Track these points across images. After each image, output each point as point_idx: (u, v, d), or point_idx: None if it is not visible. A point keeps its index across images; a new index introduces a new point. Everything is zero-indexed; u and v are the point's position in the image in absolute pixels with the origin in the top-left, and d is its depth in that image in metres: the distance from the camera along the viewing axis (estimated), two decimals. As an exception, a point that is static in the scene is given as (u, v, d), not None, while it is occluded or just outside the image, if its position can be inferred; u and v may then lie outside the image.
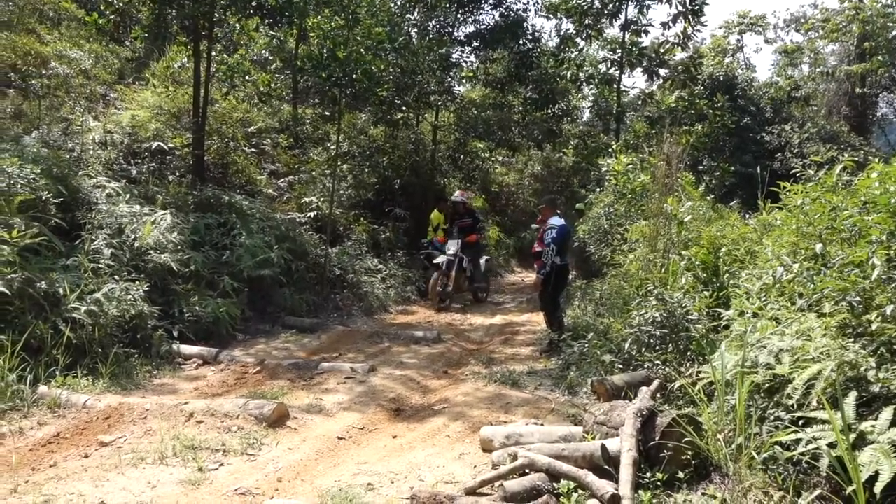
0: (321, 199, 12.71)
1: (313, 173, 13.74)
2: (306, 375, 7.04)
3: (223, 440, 4.84)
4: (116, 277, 7.42)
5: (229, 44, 12.70)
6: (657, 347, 6.01)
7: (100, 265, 7.42)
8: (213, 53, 11.87)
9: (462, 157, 17.12)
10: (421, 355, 8.26)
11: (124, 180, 9.79)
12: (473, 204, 15.20)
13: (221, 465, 4.50)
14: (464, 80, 17.77)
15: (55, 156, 8.81)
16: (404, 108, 15.26)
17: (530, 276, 18.35)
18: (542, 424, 5.29)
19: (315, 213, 12.52)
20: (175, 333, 7.76)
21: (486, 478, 4.15)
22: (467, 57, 16.80)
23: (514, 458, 4.26)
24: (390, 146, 15.93)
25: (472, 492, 4.08)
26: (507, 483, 3.97)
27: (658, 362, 5.83)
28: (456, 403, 6.18)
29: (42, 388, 5.82)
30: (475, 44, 16.41)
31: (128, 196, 9.01)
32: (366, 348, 8.65)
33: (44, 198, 7.55)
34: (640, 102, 21.34)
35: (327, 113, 14.26)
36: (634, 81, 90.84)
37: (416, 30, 15.96)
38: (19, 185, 7.22)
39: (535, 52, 16.67)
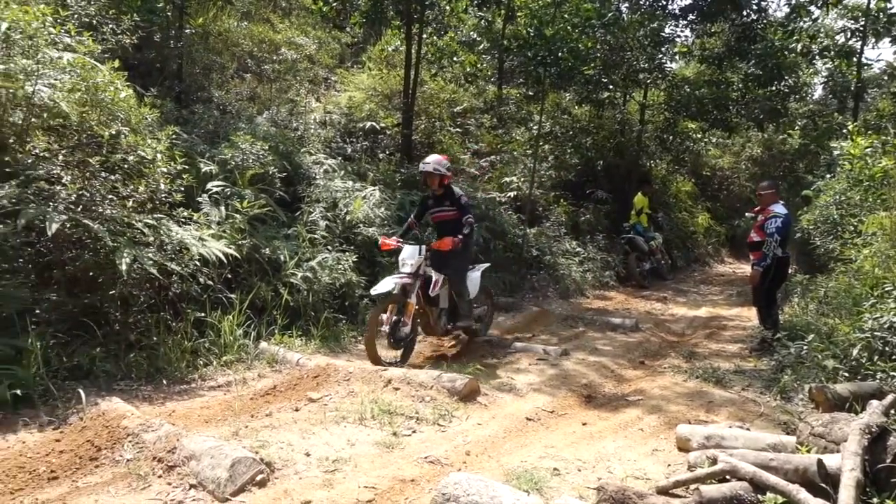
0: (522, 179, 12.70)
1: (515, 153, 13.76)
2: (499, 353, 7.08)
3: (417, 408, 5.00)
4: (329, 248, 7.99)
5: (439, 26, 13.06)
6: (894, 356, 5.24)
7: (315, 236, 8.03)
8: (424, 36, 12.26)
9: (671, 138, 16.23)
10: (617, 343, 7.97)
11: (340, 158, 10.50)
12: (453, 176, 7.52)
13: (414, 431, 4.64)
14: (677, 57, 16.78)
15: (282, 134, 9.65)
16: (611, 86, 14.73)
17: (742, 268, 17.07)
18: (748, 429, 4.84)
19: (515, 193, 12.55)
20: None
21: (681, 478, 3.87)
22: (681, 31, 15.84)
23: (714, 461, 3.92)
24: (594, 126, 15.51)
25: (664, 491, 3.82)
26: (703, 488, 3.66)
27: (894, 374, 5.08)
28: (652, 396, 5.87)
29: (263, 345, 6.44)
30: (691, 17, 15.39)
31: (342, 172, 9.65)
32: (560, 331, 8.53)
33: (270, 172, 8.30)
34: (885, 77, 18.77)
35: (531, 93, 14.17)
36: (880, 53, 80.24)
37: (626, 4, 15.34)
38: (251, 160, 7.99)
39: (759, 23, 15.27)
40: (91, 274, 5.51)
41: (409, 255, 6.57)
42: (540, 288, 10.99)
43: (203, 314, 6.25)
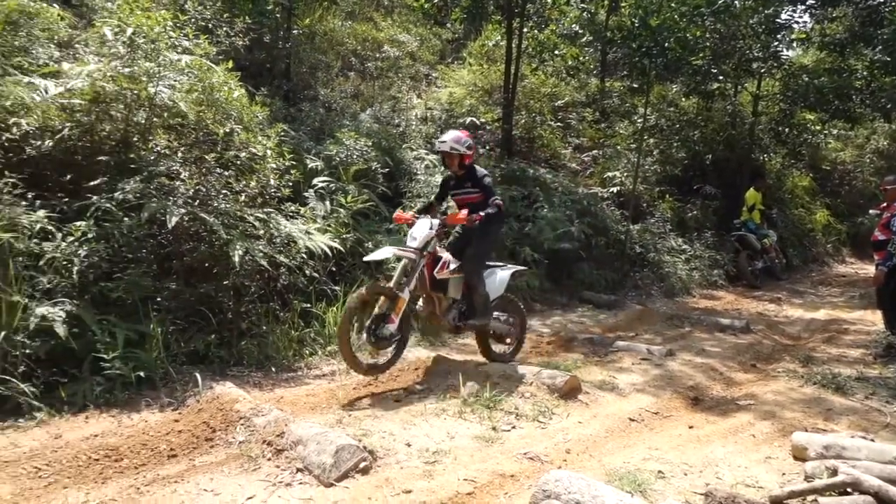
0: (625, 174, 12.39)
1: (618, 148, 13.43)
2: (600, 352, 6.93)
3: (516, 404, 4.96)
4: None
5: (540, 20, 12.90)
6: None
7: (416, 230, 8.10)
8: (525, 30, 12.16)
9: (787, 130, 15.34)
10: (726, 344, 7.63)
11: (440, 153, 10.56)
12: (476, 156, 7.18)
13: (513, 427, 4.61)
14: (794, 44, 15.85)
15: (384, 130, 9.83)
16: (721, 77, 14.10)
17: (865, 268, 15.93)
18: (872, 440, 4.50)
19: (618, 188, 12.25)
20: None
21: (796, 489, 3.65)
22: (799, 17, 14.95)
23: (834, 472, 3.68)
24: (703, 119, 14.90)
25: (777, 501, 3.61)
26: (822, 500, 3.44)
27: None
28: (764, 401, 5.57)
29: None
30: (810, 1, 14.48)
31: (442, 168, 9.69)
32: (664, 331, 8.25)
33: (373, 168, 8.47)
34: None
35: (635, 85, 13.77)
36: None
37: (739, -10, 14.61)
38: (355, 156, 8.19)
39: (887, 6, 14.17)
40: (207, 265, 5.80)
41: (419, 230, 5.57)
42: (643, 286, 10.68)
43: (309, 305, 6.46)
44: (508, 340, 6.41)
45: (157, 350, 5.05)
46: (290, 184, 6.84)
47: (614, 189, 12.26)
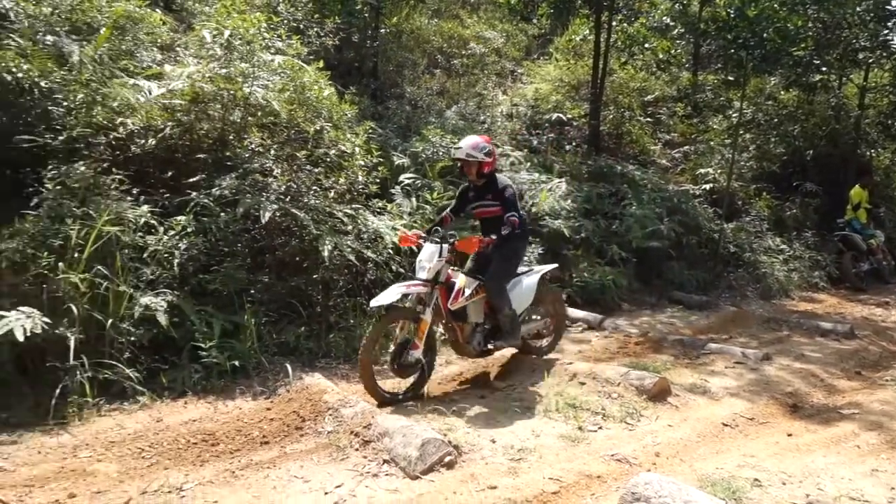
0: (718, 170, 11.93)
1: (711, 143, 12.95)
2: (691, 354, 6.70)
3: (603, 404, 4.85)
4: (515, 239, 8.00)
5: (630, 13, 12.60)
6: None
7: (501, 227, 8.08)
8: (614, 23, 11.91)
9: (897, 123, 14.38)
10: (827, 350, 7.21)
11: (526, 150, 10.50)
12: (495, 162, 5.56)
13: (600, 427, 4.52)
14: (906, 32, 14.83)
15: (469, 127, 9.84)
16: (824, 68, 13.33)
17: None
18: None
19: (711, 185, 11.80)
20: (564, 296, 8.05)
21: (910, 503, 3.41)
22: (913, 3, 13.95)
23: (954, 487, 3.41)
24: (803, 113, 14.15)
25: (888, 516, 3.39)
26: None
27: None
28: (870, 411, 5.23)
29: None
30: (925, -15, 13.52)
31: (528, 164, 9.65)
32: (760, 334, 7.89)
33: (458, 165, 8.46)
34: None
35: (731, 78, 13.20)
36: None
37: (845, -23, 13.80)
38: (441, 153, 8.23)
39: None
40: (297, 259, 5.97)
41: (428, 257, 5.07)
42: (738, 287, 10.25)
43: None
44: (545, 334, 6.16)
45: (250, 340, 5.23)
46: (378, 180, 6.95)
47: (707, 186, 11.81)
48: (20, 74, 5.59)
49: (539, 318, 6.05)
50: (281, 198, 5.92)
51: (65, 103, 5.77)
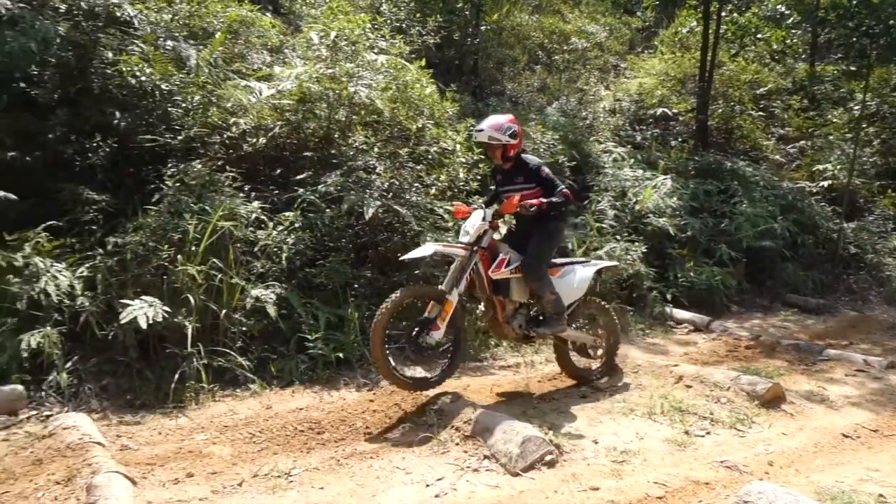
0: (838, 166, 11.20)
1: (830, 138, 12.18)
2: (807, 359, 6.33)
3: (711, 409, 4.66)
4: (618, 237, 7.84)
5: (741, 2, 12.04)
6: None
7: (603, 225, 7.95)
8: (723, 14, 11.42)
9: None
10: (963, 358, 6.65)
11: (629, 146, 10.26)
12: (520, 143, 4.94)
13: (707, 433, 4.34)
14: None
15: (571, 123, 9.69)
16: (958, 55, 12.28)
17: None
18: None
19: (829, 182, 11.10)
20: (668, 297, 7.81)
21: None
22: None
23: None
24: (934, 104, 13.09)
25: None
26: None
27: None
28: None
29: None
30: None
31: (631, 161, 9.42)
32: (885, 341, 7.37)
33: (560, 161, 8.39)
34: None
35: (852, 68, 12.40)
36: None
37: None
38: (542, 150, 8.16)
39: None
40: (399, 255, 6.05)
41: (472, 222, 4.72)
42: (858, 290, 9.59)
43: (496, 297, 6.53)
44: (594, 353, 5.35)
45: (353, 333, 5.35)
46: (478, 177, 6.96)
47: (825, 183, 11.11)
48: (143, 78, 5.96)
49: (588, 325, 5.35)
50: (384, 194, 6.03)
51: (183, 105, 6.11)
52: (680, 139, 11.41)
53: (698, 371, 5.32)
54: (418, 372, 4.93)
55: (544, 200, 4.66)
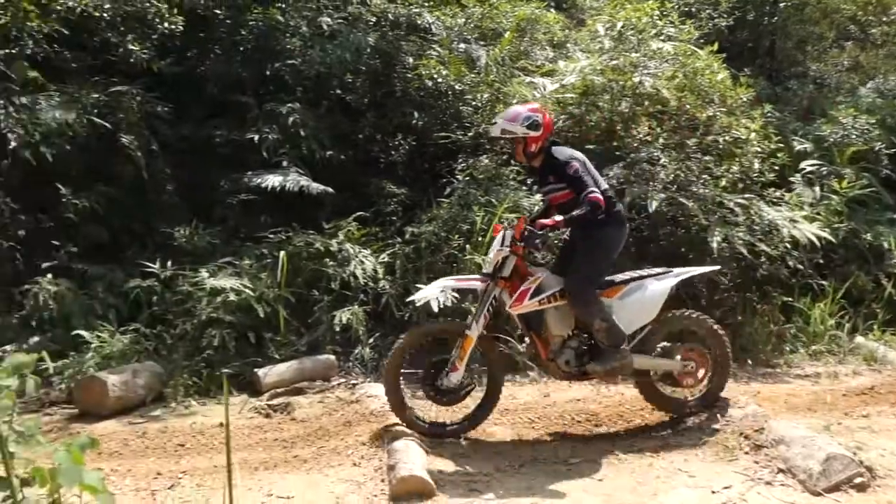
0: None
1: None
2: None
3: None
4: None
5: None
6: None
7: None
8: None
9: None
10: None
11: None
12: (546, 135, 3.99)
13: None
14: None
15: (890, 105, 8.39)
16: None
17: None
18: None
19: None
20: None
21: None
22: None
23: None
24: None
25: None
26: None
27: None
28: None
29: (859, 339, 5.81)
30: None
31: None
32: None
33: (876, 149, 7.34)
34: None
35: None
36: None
37: None
38: (852, 136, 7.21)
39: None
40: (682, 250, 5.79)
41: (494, 247, 3.99)
42: None
43: (791, 299, 5.97)
44: (685, 381, 4.17)
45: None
46: (776, 168, 6.38)
47: None
48: (439, 80, 6.45)
49: (676, 349, 4.20)
50: (668, 186, 5.80)
51: (473, 103, 6.49)
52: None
53: None
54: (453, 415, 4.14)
55: (559, 219, 3.80)
